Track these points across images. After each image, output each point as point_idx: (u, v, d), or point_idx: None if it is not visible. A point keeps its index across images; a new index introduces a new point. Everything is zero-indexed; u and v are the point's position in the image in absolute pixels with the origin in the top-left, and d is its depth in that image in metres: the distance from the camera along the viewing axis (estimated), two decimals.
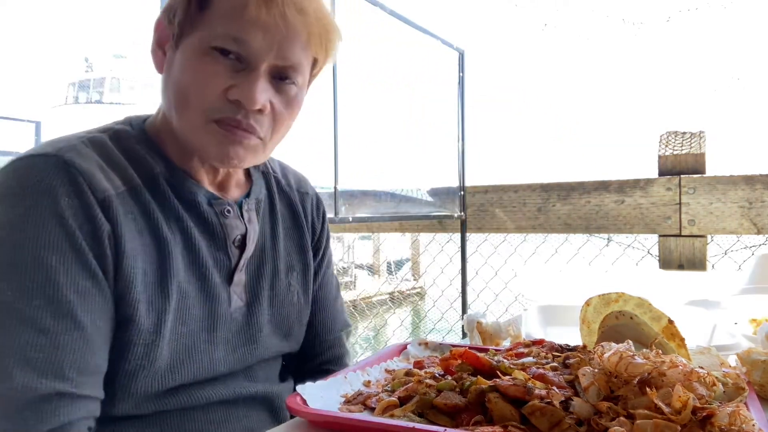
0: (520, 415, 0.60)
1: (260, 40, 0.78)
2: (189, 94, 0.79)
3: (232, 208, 0.89)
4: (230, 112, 0.79)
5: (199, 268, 0.84)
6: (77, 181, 0.72)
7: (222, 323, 0.86)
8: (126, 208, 0.77)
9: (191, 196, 0.84)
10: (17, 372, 0.65)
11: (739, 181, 2.09)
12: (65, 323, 0.69)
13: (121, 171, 0.79)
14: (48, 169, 0.72)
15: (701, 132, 2.24)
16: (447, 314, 3.37)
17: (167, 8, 0.83)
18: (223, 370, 0.86)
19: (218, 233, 0.87)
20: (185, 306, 0.81)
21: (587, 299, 0.90)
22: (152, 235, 0.79)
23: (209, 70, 0.78)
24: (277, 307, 0.95)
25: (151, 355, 0.77)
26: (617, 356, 0.63)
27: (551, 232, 2.48)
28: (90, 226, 0.72)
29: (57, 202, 0.71)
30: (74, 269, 0.71)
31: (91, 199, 0.73)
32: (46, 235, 0.70)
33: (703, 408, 0.56)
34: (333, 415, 0.63)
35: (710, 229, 2.14)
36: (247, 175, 0.97)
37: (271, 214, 0.98)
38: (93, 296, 0.72)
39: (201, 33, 0.79)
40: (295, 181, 1.07)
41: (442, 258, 3.22)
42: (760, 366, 0.77)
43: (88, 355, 0.71)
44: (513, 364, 0.73)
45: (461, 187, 2.74)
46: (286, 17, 0.79)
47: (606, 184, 2.34)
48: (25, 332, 0.67)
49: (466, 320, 1.11)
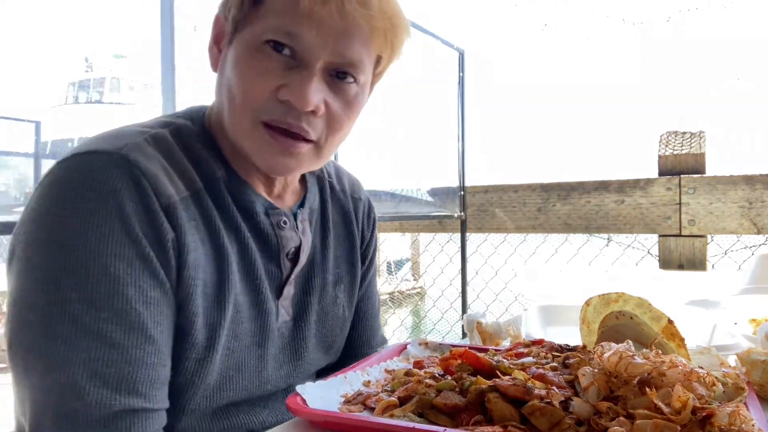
0: (520, 415, 0.60)
1: (314, 35, 0.72)
2: (237, 92, 0.74)
3: (288, 219, 0.84)
4: (280, 114, 0.74)
5: (253, 280, 0.80)
6: (142, 185, 0.67)
7: (270, 338, 0.82)
8: (189, 214, 0.73)
9: (249, 204, 0.80)
10: (90, 388, 0.62)
11: (739, 181, 2.09)
12: (136, 337, 0.65)
13: (185, 174, 0.74)
14: (111, 168, 0.67)
15: (701, 132, 2.24)
16: (447, 314, 3.37)
17: (223, 3, 0.78)
18: (269, 387, 0.83)
19: (273, 245, 0.83)
20: (239, 320, 0.77)
21: (587, 299, 0.90)
22: (213, 245, 0.75)
23: (259, 66, 0.73)
24: (323, 321, 0.91)
25: (202, 371, 0.74)
26: (617, 356, 0.63)
27: (551, 232, 2.48)
28: (155, 232, 0.68)
29: (121, 206, 0.66)
30: (142, 279, 0.67)
31: (155, 205, 0.68)
32: (111, 242, 0.65)
33: (702, 408, 0.56)
34: (333, 415, 0.63)
35: (710, 229, 2.14)
36: (301, 181, 0.92)
37: (323, 223, 0.94)
38: (161, 306, 0.68)
39: (254, 27, 0.74)
40: (349, 186, 1.03)
41: (442, 258, 3.22)
42: (760, 366, 0.77)
43: (159, 367, 0.68)
44: (513, 364, 0.73)
45: (461, 187, 2.74)
46: (345, 10, 0.72)
47: (606, 184, 2.34)
48: (94, 346, 0.63)
49: (466, 320, 1.11)
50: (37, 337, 0.63)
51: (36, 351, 0.63)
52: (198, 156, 0.77)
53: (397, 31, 0.78)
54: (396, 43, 0.80)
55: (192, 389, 0.74)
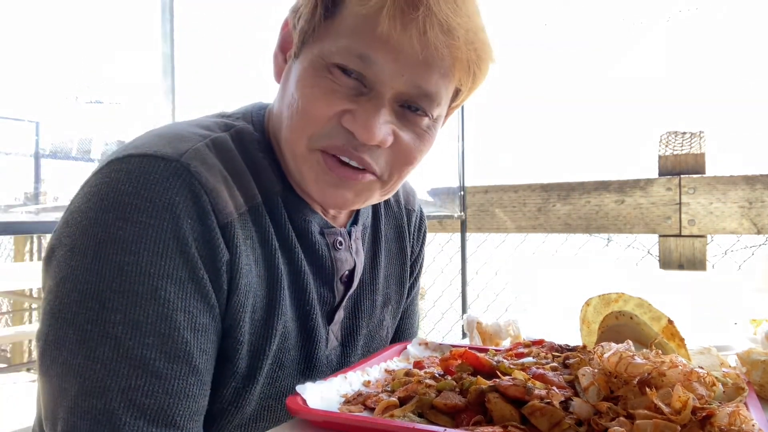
0: (520, 415, 0.60)
1: (390, 63, 0.64)
2: (297, 111, 0.67)
3: (344, 240, 0.78)
4: (340, 140, 0.67)
5: (304, 306, 0.74)
6: (201, 201, 0.62)
7: (318, 367, 0.77)
8: (246, 232, 0.67)
9: (305, 223, 0.74)
10: (127, 419, 0.57)
11: (739, 181, 2.09)
12: (180, 367, 0.60)
13: (245, 186, 0.69)
14: (170, 179, 0.61)
15: (701, 132, 2.24)
16: (447, 314, 3.36)
17: (294, 8, 0.71)
18: None
19: (327, 268, 0.77)
20: (286, 348, 0.72)
21: (587, 299, 0.90)
22: (266, 266, 0.69)
23: (324, 87, 0.66)
24: (368, 345, 0.87)
25: (240, 401, 0.69)
26: (617, 356, 0.63)
27: (551, 232, 2.48)
28: (210, 254, 0.63)
29: (178, 222, 0.60)
30: (192, 303, 0.61)
31: (214, 224, 0.63)
32: (164, 262, 0.59)
33: (702, 408, 0.56)
34: (333, 415, 0.63)
35: (710, 229, 2.14)
36: None
37: (375, 239, 0.88)
38: (208, 333, 0.63)
39: (323, 45, 0.67)
40: (404, 196, 0.96)
41: (442, 258, 3.22)
42: (760, 366, 0.77)
43: (200, 398, 0.63)
44: (513, 364, 0.73)
45: (461, 187, 2.74)
46: (427, 38, 0.63)
47: (606, 184, 2.34)
48: (135, 374, 0.58)
49: (466, 320, 1.11)
50: (76, 357, 0.59)
51: (74, 371, 0.59)
52: (259, 166, 0.72)
53: (482, 63, 0.70)
54: (479, 75, 0.71)
55: (226, 418, 0.70)
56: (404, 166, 0.72)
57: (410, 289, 0.97)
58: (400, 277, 0.92)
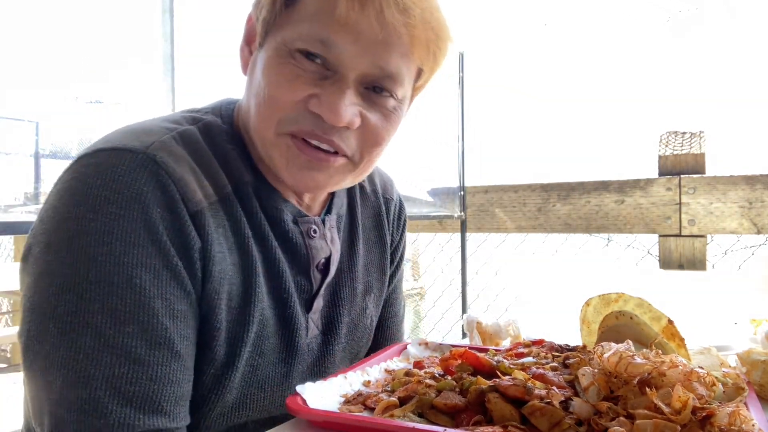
0: (520, 415, 0.60)
1: (350, 44, 0.66)
2: (264, 99, 0.69)
3: (318, 228, 0.79)
4: (308, 124, 0.68)
5: (281, 294, 0.75)
6: (170, 190, 0.63)
7: (299, 355, 0.78)
8: (217, 221, 0.68)
9: (277, 212, 0.75)
10: (113, 407, 0.58)
11: (739, 181, 2.09)
12: (161, 353, 0.61)
13: (214, 177, 0.70)
14: (137, 170, 0.62)
15: (701, 132, 2.24)
16: (447, 314, 3.36)
17: (255, 3, 0.73)
18: None
19: (302, 256, 0.78)
20: (265, 335, 0.73)
21: (587, 299, 0.90)
22: (240, 254, 0.70)
23: (289, 73, 0.67)
24: (352, 333, 0.88)
25: (220, 388, 0.70)
26: (617, 356, 0.63)
27: (551, 232, 2.48)
28: (182, 241, 0.64)
29: (148, 212, 0.61)
30: (169, 290, 0.62)
31: (183, 212, 0.64)
32: (136, 251, 0.61)
33: (702, 408, 0.56)
34: (333, 415, 0.63)
35: (710, 229, 2.14)
36: None
37: (351, 229, 0.89)
38: (187, 319, 0.65)
39: (285, 32, 0.68)
40: (381, 185, 0.97)
41: (442, 258, 3.22)
42: (760, 366, 0.77)
43: (184, 383, 0.65)
44: (513, 364, 0.73)
45: (461, 187, 2.74)
46: (384, 18, 0.65)
47: (606, 184, 2.34)
48: (118, 362, 0.59)
49: (466, 320, 1.11)
50: (58, 350, 0.59)
51: (57, 363, 0.59)
52: (228, 157, 0.73)
53: (441, 42, 0.72)
54: (439, 55, 0.73)
55: (207, 406, 0.71)
56: (373, 148, 0.73)
57: (392, 276, 0.98)
58: (381, 265, 0.94)
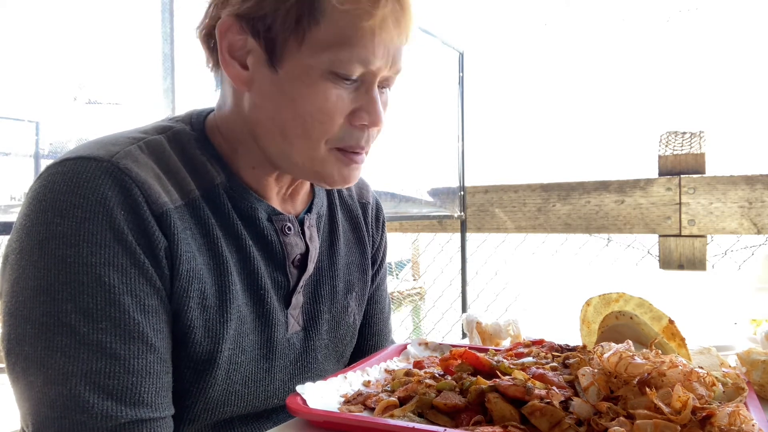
0: (520, 415, 0.60)
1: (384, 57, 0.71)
2: (309, 124, 0.72)
3: (292, 225, 0.82)
4: (354, 140, 0.75)
5: (257, 290, 0.77)
6: (132, 193, 0.66)
7: (279, 350, 0.80)
8: (184, 224, 0.70)
9: (250, 211, 0.78)
10: (95, 401, 0.61)
11: (739, 181, 2.09)
12: (136, 346, 0.64)
13: (180, 181, 0.72)
14: (100, 176, 0.65)
15: (701, 132, 2.24)
16: (447, 314, 3.36)
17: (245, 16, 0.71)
18: (276, 401, 0.81)
19: (277, 252, 0.80)
20: (244, 332, 0.75)
21: (587, 299, 0.90)
22: (210, 255, 0.73)
23: (332, 96, 0.71)
24: (334, 330, 0.90)
25: (201, 383, 0.72)
26: (617, 356, 0.63)
27: (551, 232, 2.48)
28: (147, 240, 0.66)
29: (112, 214, 0.64)
30: (138, 287, 0.65)
31: (147, 213, 0.66)
32: (103, 251, 0.63)
33: (702, 408, 0.56)
34: (333, 415, 0.63)
35: (710, 229, 2.14)
36: (310, 186, 0.90)
37: (332, 228, 0.92)
38: (159, 314, 0.67)
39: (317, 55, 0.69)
40: (357, 190, 1.01)
41: (442, 258, 3.22)
42: (760, 366, 0.77)
43: (163, 374, 0.67)
44: (513, 364, 0.73)
45: (461, 187, 2.74)
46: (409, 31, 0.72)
47: (606, 184, 2.34)
48: (94, 358, 0.62)
49: (466, 320, 1.11)
50: (36, 350, 0.62)
51: (36, 363, 0.62)
52: (196, 161, 0.75)
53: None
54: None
55: (190, 399, 0.73)
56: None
57: (374, 276, 1.01)
58: (362, 265, 0.97)
